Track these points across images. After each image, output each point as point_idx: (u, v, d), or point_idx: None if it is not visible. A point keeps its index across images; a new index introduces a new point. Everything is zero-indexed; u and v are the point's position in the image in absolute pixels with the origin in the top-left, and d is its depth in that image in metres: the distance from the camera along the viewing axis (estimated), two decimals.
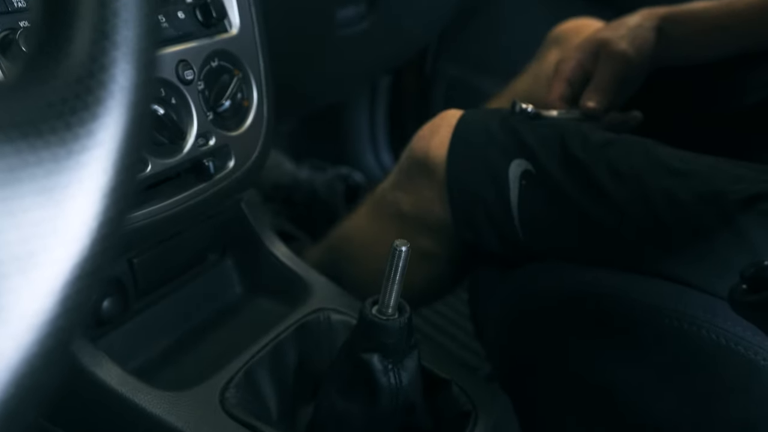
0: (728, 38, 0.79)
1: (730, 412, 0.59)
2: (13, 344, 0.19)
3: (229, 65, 0.64)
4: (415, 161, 0.77)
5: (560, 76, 0.81)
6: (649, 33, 0.79)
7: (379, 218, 0.85)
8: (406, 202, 0.79)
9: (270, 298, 0.73)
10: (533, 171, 0.69)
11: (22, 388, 0.19)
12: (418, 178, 0.77)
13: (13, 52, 0.46)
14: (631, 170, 0.65)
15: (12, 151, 0.19)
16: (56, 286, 0.20)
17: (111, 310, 0.61)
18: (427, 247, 0.79)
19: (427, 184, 0.76)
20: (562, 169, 0.67)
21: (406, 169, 0.80)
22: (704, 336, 0.58)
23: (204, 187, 0.62)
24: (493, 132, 0.72)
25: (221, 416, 0.56)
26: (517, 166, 0.69)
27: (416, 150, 0.77)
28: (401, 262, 0.51)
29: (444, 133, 0.75)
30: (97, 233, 0.21)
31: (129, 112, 0.21)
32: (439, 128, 0.76)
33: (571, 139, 0.69)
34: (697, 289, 0.61)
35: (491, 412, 0.62)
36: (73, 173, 0.20)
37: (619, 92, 0.80)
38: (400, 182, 0.81)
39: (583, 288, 0.66)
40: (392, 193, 0.82)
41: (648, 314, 0.61)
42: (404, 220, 0.80)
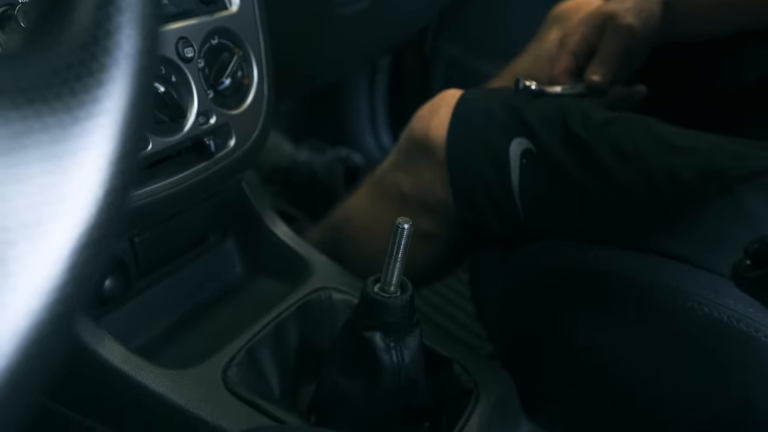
0: (734, 14, 0.79)
1: (730, 389, 0.59)
2: (22, 311, 0.18)
3: (229, 43, 0.64)
4: (415, 142, 0.77)
5: (565, 49, 0.80)
6: (656, 6, 0.79)
7: (378, 199, 0.85)
8: (406, 183, 0.79)
9: (271, 278, 0.73)
10: (534, 150, 0.69)
11: (30, 354, 0.19)
12: (418, 158, 0.77)
13: (12, 27, 0.45)
14: (633, 149, 0.65)
15: (17, 117, 0.19)
16: (64, 253, 0.19)
17: (113, 289, 0.61)
18: (428, 228, 0.79)
19: (427, 164, 0.76)
20: (563, 148, 0.67)
21: (406, 149, 0.79)
22: (705, 313, 0.58)
23: (205, 165, 0.62)
24: (494, 111, 0.72)
25: (224, 394, 0.56)
26: (517, 144, 0.69)
27: (416, 130, 0.77)
28: (403, 239, 0.51)
29: (444, 113, 0.74)
30: (104, 201, 0.20)
31: (134, 79, 0.21)
32: (439, 108, 0.75)
33: (572, 117, 0.68)
34: (698, 266, 0.61)
35: (493, 390, 0.63)
36: (80, 140, 0.20)
37: (624, 66, 0.80)
38: (399, 163, 0.81)
39: (583, 266, 0.66)
40: (392, 174, 0.82)
41: (647, 292, 0.61)
42: (404, 200, 0.79)
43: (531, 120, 0.69)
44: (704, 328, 0.58)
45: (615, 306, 0.64)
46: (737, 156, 0.62)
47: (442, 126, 0.74)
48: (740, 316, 0.56)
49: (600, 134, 0.67)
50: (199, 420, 0.55)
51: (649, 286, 0.61)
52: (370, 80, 1.44)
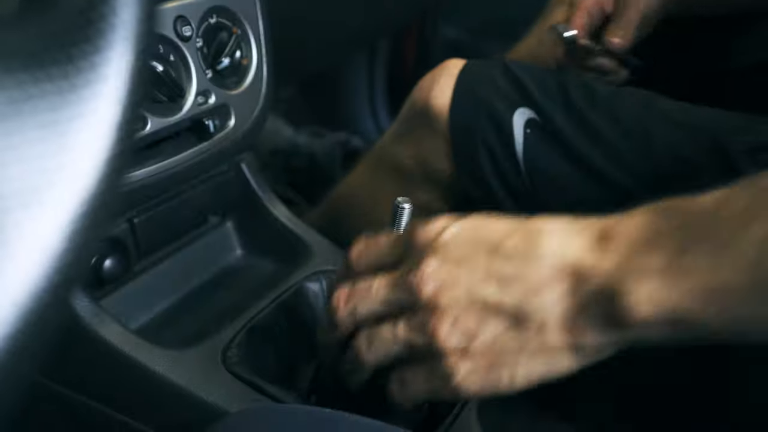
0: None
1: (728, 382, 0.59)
2: (20, 279, 0.18)
3: (227, 22, 0.63)
4: (416, 111, 0.76)
5: (581, 6, 0.78)
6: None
7: (378, 173, 0.84)
8: (406, 155, 0.78)
9: (271, 260, 0.73)
10: (538, 119, 0.69)
11: (29, 323, 0.18)
12: (418, 128, 0.76)
13: None
14: (634, 124, 0.65)
15: (13, 82, 0.19)
16: (62, 221, 0.19)
17: (112, 270, 0.60)
18: (427, 201, 0.78)
19: (428, 134, 0.75)
20: (565, 119, 0.67)
21: (407, 120, 0.79)
22: None
23: (204, 146, 0.62)
24: (497, 80, 0.71)
25: (223, 374, 0.56)
26: (521, 114, 0.69)
27: (417, 100, 0.76)
28: (404, 219, 0.50)
29: (445, 83, 0.74)
30: (102, 170, 0.20)
31: (132, 45, 0.21)
32: (440, 77, 0.75)
33: (575, 90, 0.68)
34: None
35: None
36: (77, 107, 0.20)
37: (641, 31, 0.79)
38: (400, 134, 0.80)
39: None
40: (392, 147, 0.81)
41: None
42: (404, 173, 0.79)
43: (534, 90, 0.69)
44: None
45: None
46: (739, 129, 0.62)
47: (443, 95, 0.73)
48: None
49: (602, 108, 0.67)
50: (198, 399, 0.55)
51: None
52: (369, 63, 1.43)
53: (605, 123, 0.66)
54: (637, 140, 0.64)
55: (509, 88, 0.70)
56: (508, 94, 0.70)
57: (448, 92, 0.73)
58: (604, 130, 0.65)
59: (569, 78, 0.71)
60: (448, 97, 0.73)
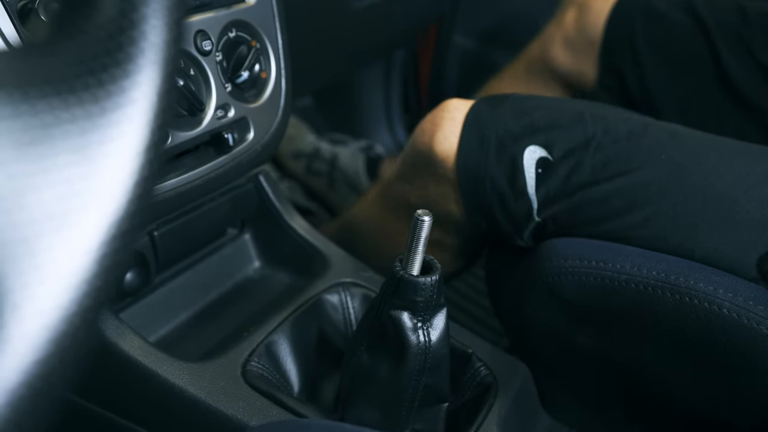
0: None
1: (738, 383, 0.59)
2: (52, 303, 0.18)
3: (246, 36, 0.63)
4: (420, 156, 0.75)
5: None
6: None
7: (387, 208, 0.84)
8: (414, 195, 0.77)
9: (289, 272, 0.73)
10: (550, 158, 0.67)
11: (61, 347, 0.18)
12: (423, 173, 0.75)
13: (33, 21, 0.45)
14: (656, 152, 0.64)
15: (46, 107, 0.19)
16: (92, 245, 0.19)
17: (133, 283, 0.61)
18: (436, 237, 0.77)
19: (433, 179, 0.74)
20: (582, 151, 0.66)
21: (411, 162, 0.77)
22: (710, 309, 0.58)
23: (223, 159, 0.62)
24: (505, 120, 0.69)
25: (243, 387, 0.56)
26: (531, 153, 0.67)
27: (419, 145, 0.75)
28: (423, 232, 0.50)
29: (447, 127, 0.72)
30: (132, 193, 0.20)
31: (160, 69, 0.21)
32: (441, 121, 0.73)
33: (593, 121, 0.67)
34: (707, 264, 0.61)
35: (512, 384, 0.62)
36: (107, 131, 0.20)
37: None
38: (405, 175, 0.79)
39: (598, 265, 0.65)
40: (399, 185, 0.80)
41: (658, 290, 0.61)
42: (412, 210, 0.78)
43: (544, 126, 0.68)
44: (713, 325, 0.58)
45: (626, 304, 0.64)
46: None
47: (446, 140, 0.72)
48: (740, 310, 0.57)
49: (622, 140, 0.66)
50: (218, 413, 0.55)
51: (664, 286, 0.61)
52: (385, 73, 1.43)
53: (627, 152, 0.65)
54: (653, 185, 0.64)
55: (518, 127, 0.69)
56: (518, 134, 0.68)
57: (450, 137, 0.71)
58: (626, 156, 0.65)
59: (585, 109, 0.70)
60: (451, 143, 0.71)
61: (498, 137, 0.69)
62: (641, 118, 0.69)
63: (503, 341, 1.05)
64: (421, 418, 0.57)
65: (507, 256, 0.78)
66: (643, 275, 0.62)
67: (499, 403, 0.60)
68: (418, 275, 0.51)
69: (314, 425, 0.46)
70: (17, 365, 0.18)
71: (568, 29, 0.92)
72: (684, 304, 0.60)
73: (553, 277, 0.67)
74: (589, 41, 0.92)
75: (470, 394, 0.62)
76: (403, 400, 0.55)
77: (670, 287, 0.61)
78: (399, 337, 0.52)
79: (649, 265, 0.62)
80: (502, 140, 0.69)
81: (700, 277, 0.61)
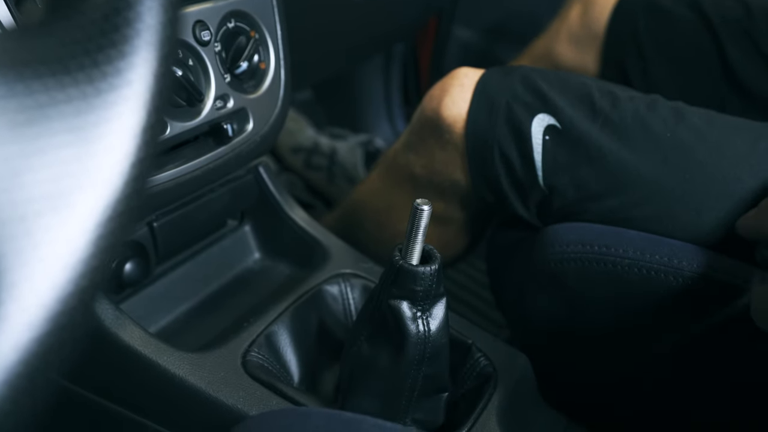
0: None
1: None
2: (49, 283, 0.18)
3: (245, 27, 0.63)
4: (427, 122, 0.76)
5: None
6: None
7: (391, 181, 0.84)
8: (419, 165, 0.78)
9: (289, 263, 0.73)
10: (558, 126, 0.68)
11: (57, 326, 0.19)
12: (430, 139, 0.76)
13: (28, 5, 0.45)
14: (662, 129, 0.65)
15: (41, 87, 0.19)
16: (89, 225, 0.19)
17: (133, 274, 0.61)
18: (440, 211, 0.78)
19: (439, 145, 0.75)
20: (590, 124, 0.66)
21: (418, 130, 0.78)
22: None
23: (223, 150, 0.62)
24: (515, 87, 0.70)
25: (243, 377, 0.57)
26: (539, 121, 0.68)
27: (427, 111, 0.76)
28: (423, 221, 0.50)
29: (456, 93, 0.73)
30: (128, 174, 0.20)
31: (156, 50, 0.21)
32: (451, 87, 0.74)
33: (599, 95, 0.68)
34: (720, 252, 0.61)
35: (512, 375, 0.62)
36: (103, 112, 0.20)
37: None
38: (411, 144, 0.80)
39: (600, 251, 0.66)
40: (404, 156, 0.81)
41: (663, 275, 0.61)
42: (417, 182, 0.79)
43: (554, 96, 0.69)
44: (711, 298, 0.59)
45: (630, 289, 0.64)
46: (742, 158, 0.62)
47: (455, 105, 0.73)
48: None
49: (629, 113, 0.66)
50: (218, 402, 0.55)
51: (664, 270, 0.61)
52: (385, 67, 1.43)
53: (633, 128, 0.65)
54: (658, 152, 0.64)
55: (528, 95, 0.70)
56: (527, 101, 0.69)
57: (459, 102, 0.72)
58: (632, 133, 0.65)
59: (593, 83, 0.71)
60: (460, 108, 0.72)
61: (507, 104, 0.70)
62: (646, 96, 0.69)
63: (504, 333, 1.05)
64: (421, 408, 0.57)
65: (508, 245, 0.78)
66: (647, 260, 0.62)
67: (499, 394, 0.60)
68: (418, 264, 0.51)
69: (314, 413, 0.46)
70: (14, 343, 0.18)
71: (572, 25, 0.93)
72: (688, 287, 0.60)
73: (556, 263, 0.67)
74: (593, 36, 0.92)
75: (470, 384, 0.62)
76: (402, 390, 0.55)
77: (673, 271, 0.61)
78: (398, 326, 0.52)
79: (652, 250, 0.62)
80: (512, 107, 0.69)
81: (703, 261, 0.61)
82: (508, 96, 0.70)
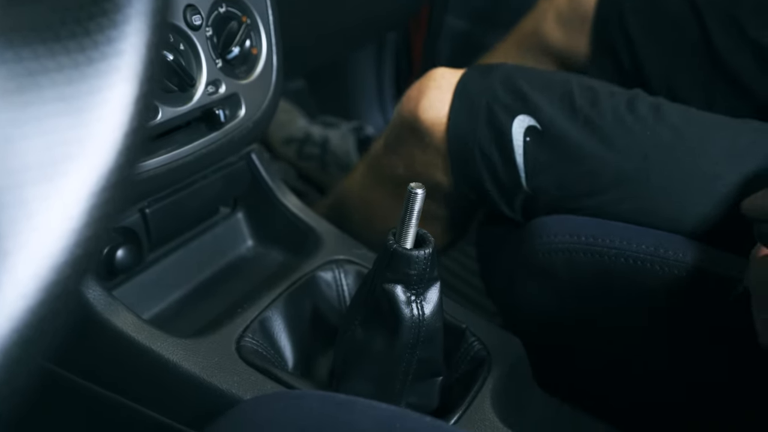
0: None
1: None
2: (43, 252, 0.18)
3: (236, 12, 0.63)
4: (406, 124, 0.75)
5: None
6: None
7: (375, 181, 0.84)
8: (400, 165, 0.77)
9: (282, 250, 0.73)
10: (539, 127, 0.67)
11: (51, 296, 0.18)
12: (409, 141, 0.75)
13: None
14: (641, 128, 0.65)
15: (31, 55, 0.19)
16: (83, 195, 0.19)
17: (125, 261, 0.61)
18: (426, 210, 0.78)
19: (420, 148, 0.74)
20: (571, 124, 0.66)
21: (397, 131, 0.77)
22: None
23: (215, 136, 0.62)
24: (495, 88, 0.70)
25: (238, 362, 0.57)
26: (520, 122, 0.68)
27: (405, 112, 0.75)
28: (416, 204, 0.50)
29: (433, 95, 0.72)
30: (121, 144, 0.20)
31: (148, 19, 0.21)
32: (427, 89, 0.73)
33: (579, 94, 0.68)
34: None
35: (505, 359, 0.63)
36: (95, 81, 0.20)
37: None
38: (391, 145, 0.79)
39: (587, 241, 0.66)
40: (386, 157, 0.80)
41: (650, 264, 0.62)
42: (399, 181, 0.78)
43: (534, 96, 0.68)
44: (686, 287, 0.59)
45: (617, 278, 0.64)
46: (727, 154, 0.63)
47: (432, 108, 0.72)
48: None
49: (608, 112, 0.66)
50: (212, 388, 0.55)
51: (650, 259, 0.62)
52: (377, 56, 1.43)
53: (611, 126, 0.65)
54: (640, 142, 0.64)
55: (508, 96, 0.69)
56: (507, 102, 0.69)
57: (437, 104, 0.71)
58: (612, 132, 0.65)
59: (574, 80, 0.70)
60: (438, 110, 0.71)
61: (488, 106, 0.69)
62: (627, 92, 0.69)
63: (496, 321, 1.05)
64: (415, 392, 0.57)
65: (497, 235, 0.79)
66: (633, 249, 0.63)
67: (493, 378, 0.60)
68: (412, 248, 0.51)
69: (307, 396, 0.46)
70: (8, 312, 0.17)
71: (560, 5, 0.92)
72: (674, 277, 0.60)
73: (544, 254, 0.68)
74: (581, 17, 0.92)
75: (464, 368, 0.62)
76: (397, 374, 0.55)
77: (659, 260, 0.61)
78: (392, 310, 0.52)
79: (638, 239, 0.63)
80: (492, 109, 0.69)
81: (688, 251, 0.61)
82: (488, 97, 0.70)
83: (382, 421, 0.42)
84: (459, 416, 0.56)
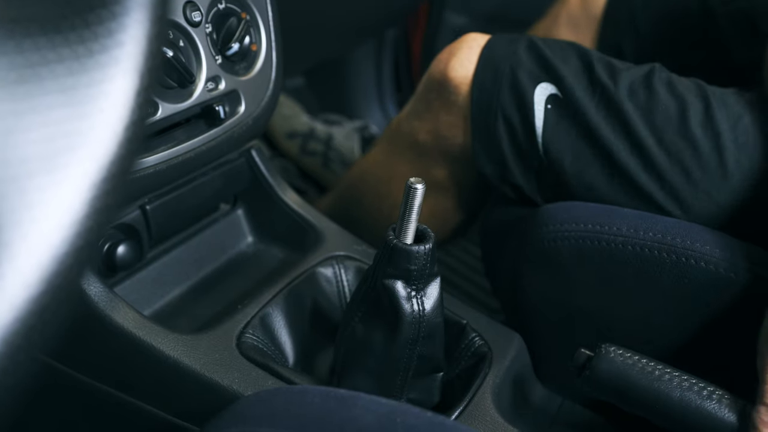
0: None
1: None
2: (44, 243, 0.18)
3: (236, 8, 0.63)
4: (434, 84, 0.77)
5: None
6: None
7: (394, 150, 0.85)
8: (423, 130, 0.79)
9: (282, 246, 0.73)
10: (560, 95, 0.69)
11: (53, 285, 0.18)
12: (436, 101, 0.77)
13: None
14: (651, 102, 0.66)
15: (31, 45, 0.19)
16: (83, 186, 0.19)
17: (125, 257, 0.61)
18: (441, 179, 0.79)
19: (445, 107, 0.76)
20: (589, 98, 0.67)
21: (424, 94, 0.79)
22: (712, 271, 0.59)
23: (215, 132, 0.62)
24: (520, 55, 0.72)
25: (238, 358, 0.57)
26: (542, 89, 0.69)
27: (435, 72, 0.77)
28: (416, 200, 0.50)
29: (464, 56, 0.74)
30: (121, 136, 0.20)
31: (148, 11, 0.21)
32: (459, 51, 0.75)
33: (600, 67, 0.69)
34: None
35: (506, 354, 0.63)
36: (95, 73, 0.20)
37: None
38: (416, 110, 0.81)
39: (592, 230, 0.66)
40: (408, 123, 0.82)
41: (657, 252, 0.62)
42: (420, 149, 0.79)
43: (557, 66, 0.70)
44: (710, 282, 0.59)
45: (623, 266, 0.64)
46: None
47: (462, 68, 0.74)
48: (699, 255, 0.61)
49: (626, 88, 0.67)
50: (213, 384, 0.55)
51: (657, 247, 0.62)
52: (377, 53, 1.43)
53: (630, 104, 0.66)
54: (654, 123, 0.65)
55: (532, 63, 0.71)
56: (531, 69, 0.70)
57: (467, 65, 0.73)
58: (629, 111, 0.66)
59: (594, 55, 0.71)
60: (466, 70, 0.73)
61: (512, 70, 0.71)
62: (640, 68, 0.70)
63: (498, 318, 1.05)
64: (416, 388, 0.57)
65: (502, 227, 0.79)
66: (640, 237, 0.63)
67: (494, 373, 0.60)
68: (412, 244, 0.51)
69: (309, 391, 0.46)
70: (10, 302, 0.18)
71: (572, 7, 0.93)
72: (681, 264, 0.60)
73: (549, 242, 0.68)
74: (591, 18, 0.92)
75: (465, 364, 0.62)
76: (397, 370, 0.55)
77: (666, 248, 0.61)
78: (393, 306, 0.52)
79: (645, 227, 0.63)
80: (516, 74, 0.71)
81: (696, 238, 0.61)
82: (513, 62, 0.71)
83: (383, 417, 0.42)
84: (460, 412, 0.56)
